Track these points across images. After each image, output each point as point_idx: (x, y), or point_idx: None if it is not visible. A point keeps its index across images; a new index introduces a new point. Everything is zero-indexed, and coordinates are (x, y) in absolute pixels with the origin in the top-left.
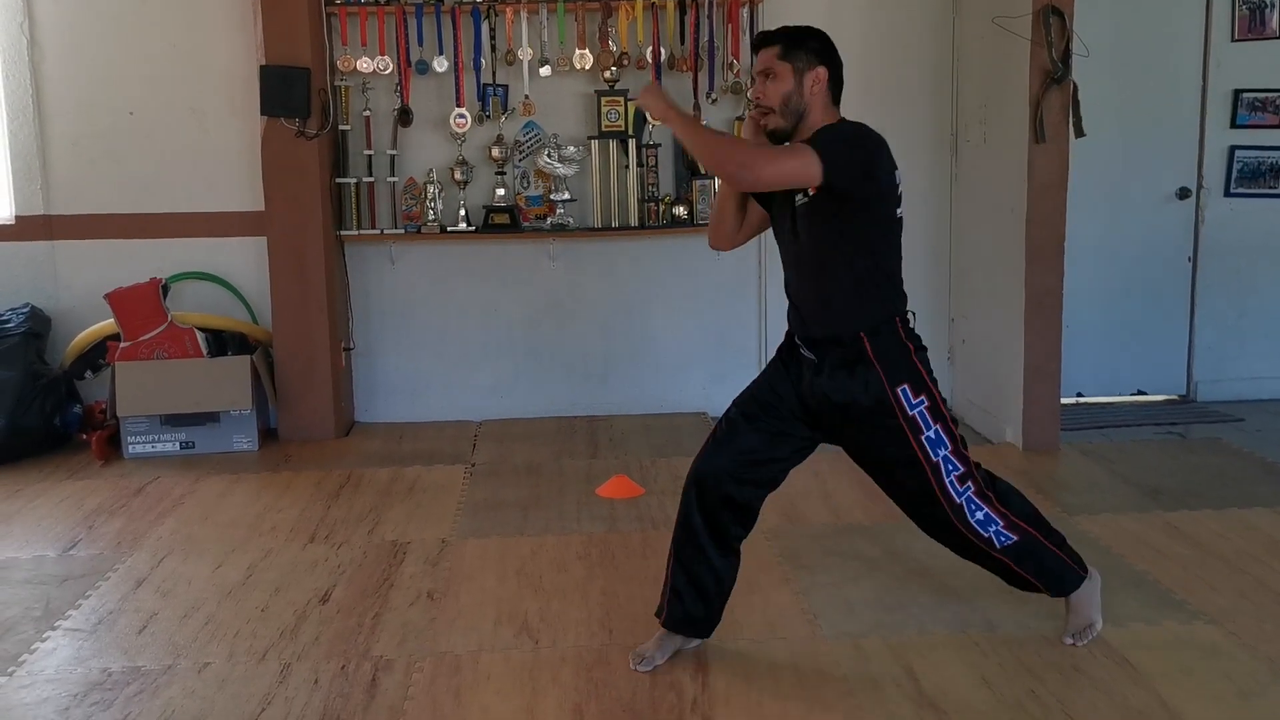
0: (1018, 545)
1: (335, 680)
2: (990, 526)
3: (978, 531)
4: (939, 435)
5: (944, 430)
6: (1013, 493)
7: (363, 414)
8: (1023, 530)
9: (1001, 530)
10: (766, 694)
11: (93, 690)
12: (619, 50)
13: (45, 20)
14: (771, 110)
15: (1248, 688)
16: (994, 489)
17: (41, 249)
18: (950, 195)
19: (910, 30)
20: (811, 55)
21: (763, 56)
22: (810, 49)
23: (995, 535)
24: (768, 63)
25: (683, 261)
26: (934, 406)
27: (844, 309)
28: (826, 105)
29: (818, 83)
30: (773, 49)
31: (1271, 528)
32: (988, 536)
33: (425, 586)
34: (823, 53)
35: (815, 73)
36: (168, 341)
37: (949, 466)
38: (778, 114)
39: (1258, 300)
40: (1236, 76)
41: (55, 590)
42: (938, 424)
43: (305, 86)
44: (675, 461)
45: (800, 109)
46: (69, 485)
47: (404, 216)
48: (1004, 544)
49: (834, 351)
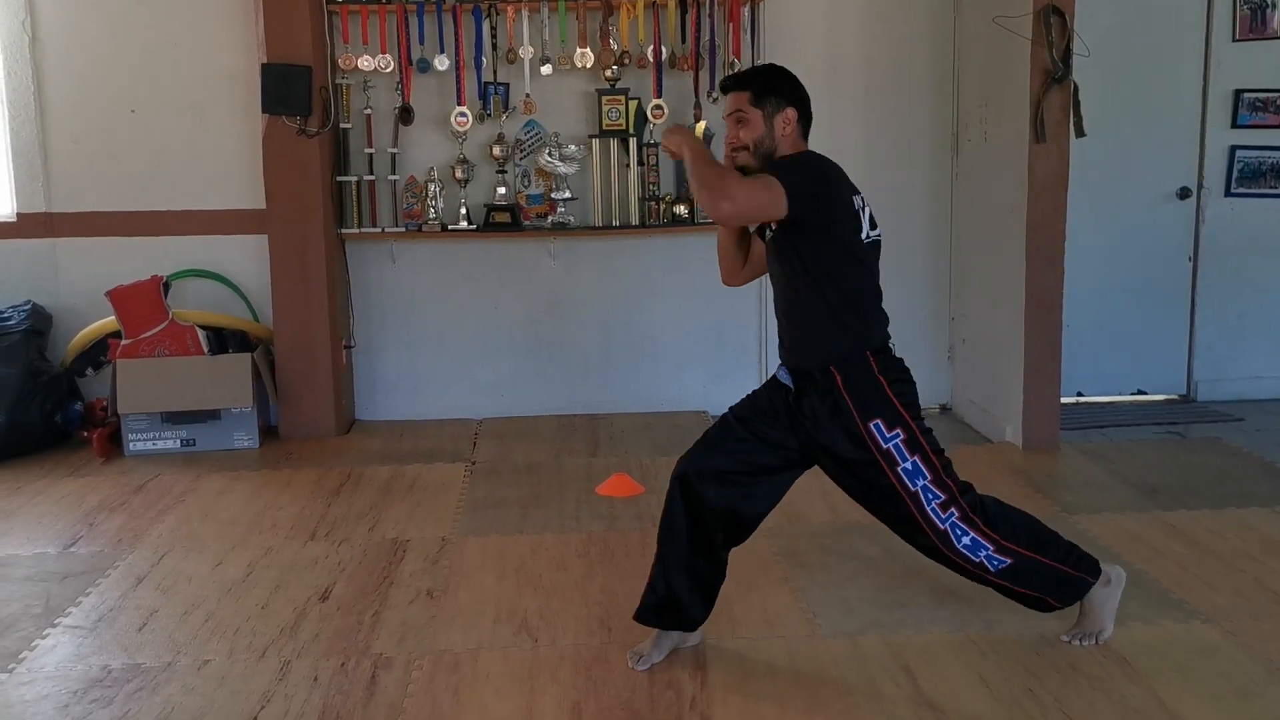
0: (1012, 568)
1: (335, 678)
2: (979, 551)
3: (967, 557)
4: (916, 466)
5: (922, 461)
6: (1007, 513)
7: (363, 412)
8: (1015, 553)
9: (992, 555)
10: (764, 693)
11: (93, 687)
12: (620, 49)
13: (47, 18)
14: (745, 148)
15: (1245, 687)
16: (983, 512)
17: (43, 246)
18: (951, 194)
19: (911, 30)
20: (781, 99)
21: (734, 100)
22: (780, 93)
23: (986, 559)
24: (739, 106)
25: (683, 260)
26: (911, 439)
27: (816, 340)
28: (795, 142)
29: (788, 124)
30: (744, 94)
31: (1269, 527)
32: (979, 561)
33: (425, 584)
34: (791, 93)
35: (785, 114)
36: (169, 339)
37: (929, 495)
38: (749, 153)
39: (1258, 300)
40: (1237, 76)
41: (56, 587)
42: (915, 456)
43: (306, 84)
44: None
45: (771, 149)
46: (70, 482)
47: (405, 215)
48: (998, 568)
49: (809, 383)
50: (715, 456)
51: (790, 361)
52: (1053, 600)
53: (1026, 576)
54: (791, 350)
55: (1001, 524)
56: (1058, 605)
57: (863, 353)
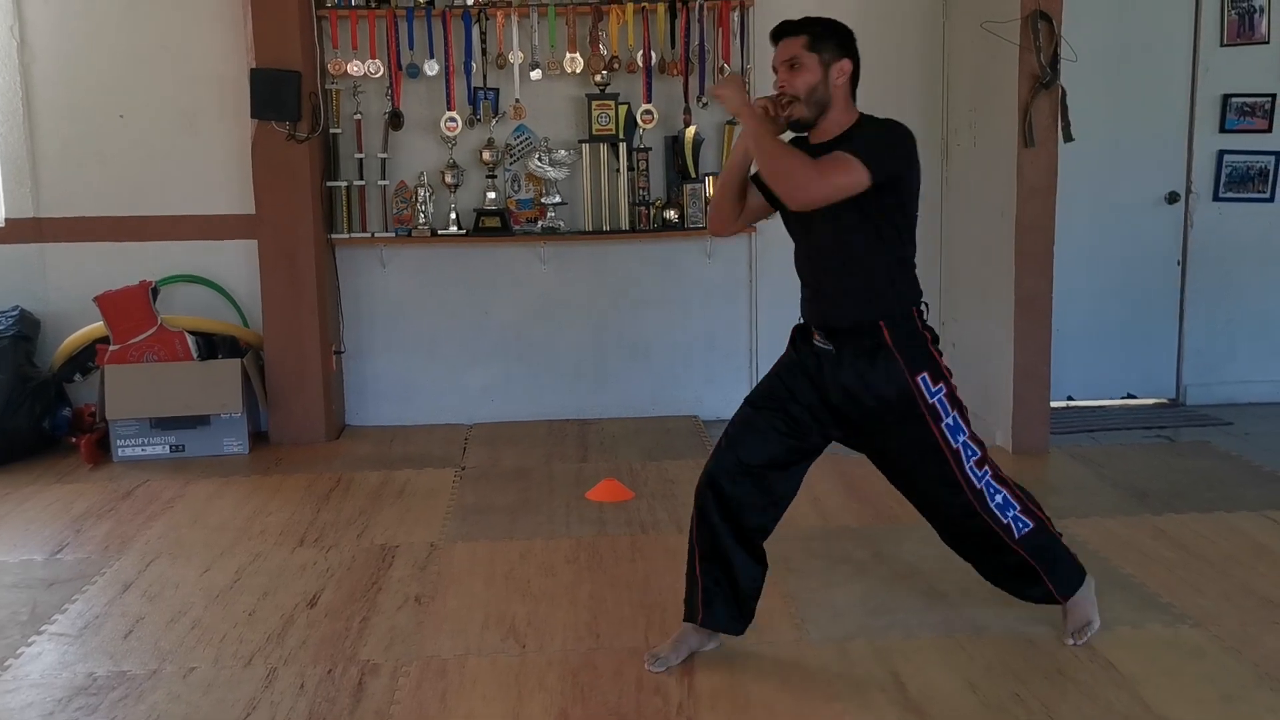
0: (1034, 533)
1: (322, 684)
2: (1009, 511)
3: (998, 517)
4: (957, 422)
5: (961, 417)
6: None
7: (353, 417)
8: (1038, 518)
9: (1019, 515)
10: (752, 698)
11: (78, 695)
12: (609, 54)
13: (35, 23)
14: (797, 99)
15: (1231, 691)
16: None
17: (31, 251)
18: (941, 199)
19: (900, 34)
20: (838, 48)
21: (787, 45)
22: (837, 41)
23: (1014, 521)
24: (794, 52)
25: (673, 265)
26: (951, 394)
27: (866, 298)
28: (848, 99)
29: (842, 75)
30: (799, 39)
31: (1257, 531)
32: (1006, 523)
33: (413, 590)
34: (848, 46)
35: (841, 65)
36: (157, 344)
37: (968, 452)
38: (802, 103)
39: (1246, 304)
40: (1225, 81)
41: (42, 594)
42: (955, 410)
43: (296, 90)
44: (665, 465)
45: (825, 101)
46: (57, 489)
47: (395, 220)
48: (1022, 531)
49: (853, 341)
50: (739, 452)
51: (831, 320)
52: (1051, 584)
53: (1043, 548)
54: (835, 307)
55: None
56: (1052, 591)
57: (909, 309)
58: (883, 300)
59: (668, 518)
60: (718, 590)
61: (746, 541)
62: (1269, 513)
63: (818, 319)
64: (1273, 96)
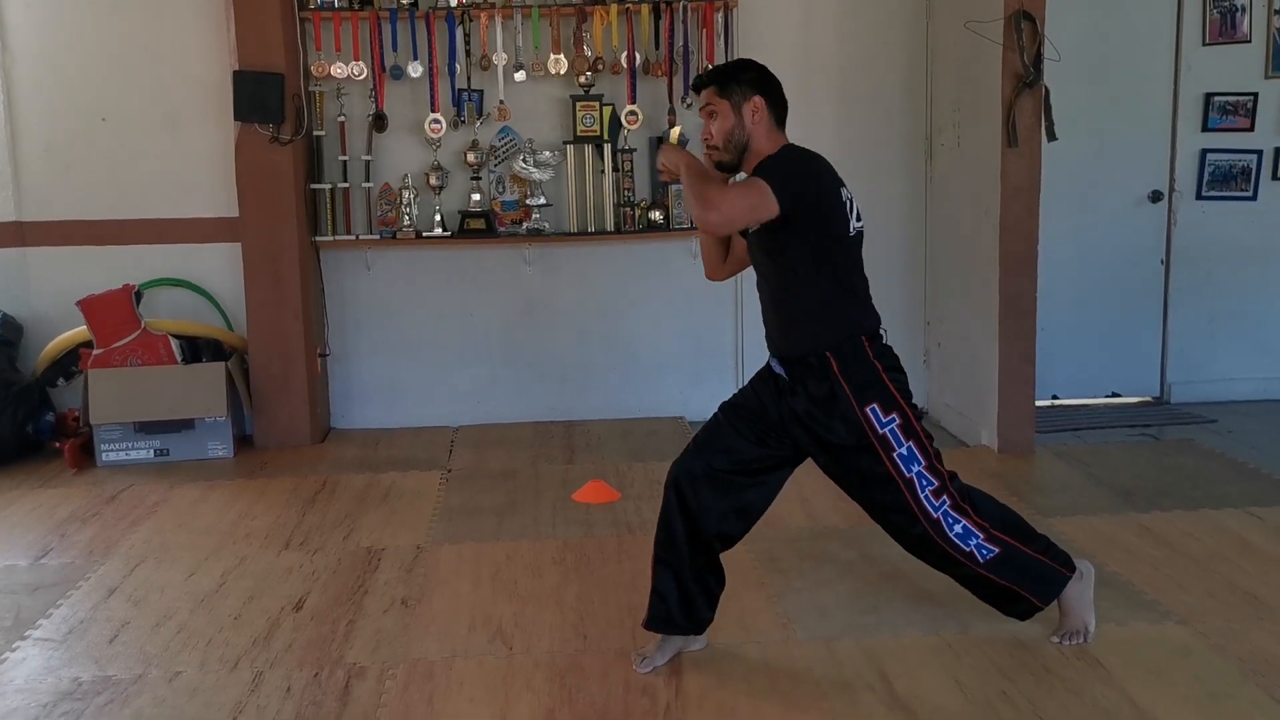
0: (1000, 558)
1: (308, 688)
2: (970, 540)
3: (959, 546)
4: (911, 452)
5: (917, 447)
6: (991, 503)
7: (339, 420)
8: (1003, 542)
9: (982, 544)
10: (740, 698)
11: (62, 700)
12: (594, 55)
13: (16, 25)
14: (716, 146)
15: (1217, 688)
16: (970, 501)
17: (13, 255)
18: (925, 199)
19: (884, 34)
20: (746, 86)
21: (703, 97)
22: (744, 81)
23: (976, 549)
24: (707, 101)
25: (659, 266)
26: (906, 424)
27: (809, 328)
28: (770, 131)
29: (757, 111)
30: (709, 89)
31: (1242, 528)
32: (969, 551)
33: (400, 593)
34: (758, 81)
35: (753, 102)
36: (141, 348)
37: (923, 482)
38: (721, 149)
39: (1230, 302)
40: (1207, 80)
41: (26, 599)
42: (910, 441)
43: (279, 92)
44: (651, 466)
45: (743, 140)
46: (41, 493)
47: (379, 222)
48: (986, 558)
49: (803, 370)
50: (706, 457)
51: (782, 350)
52: (1032, 597)
53: (1012, 568)
54: (783, 340)
55: (988, 513)
56: (1036, 603)
57: (857, 338)
58: (827, 331)
59: (654, 519)
60: (669, 595)
61: (704, 548)
62: (1253, 509)
63: (771, 347)
64: (1255, 95)
